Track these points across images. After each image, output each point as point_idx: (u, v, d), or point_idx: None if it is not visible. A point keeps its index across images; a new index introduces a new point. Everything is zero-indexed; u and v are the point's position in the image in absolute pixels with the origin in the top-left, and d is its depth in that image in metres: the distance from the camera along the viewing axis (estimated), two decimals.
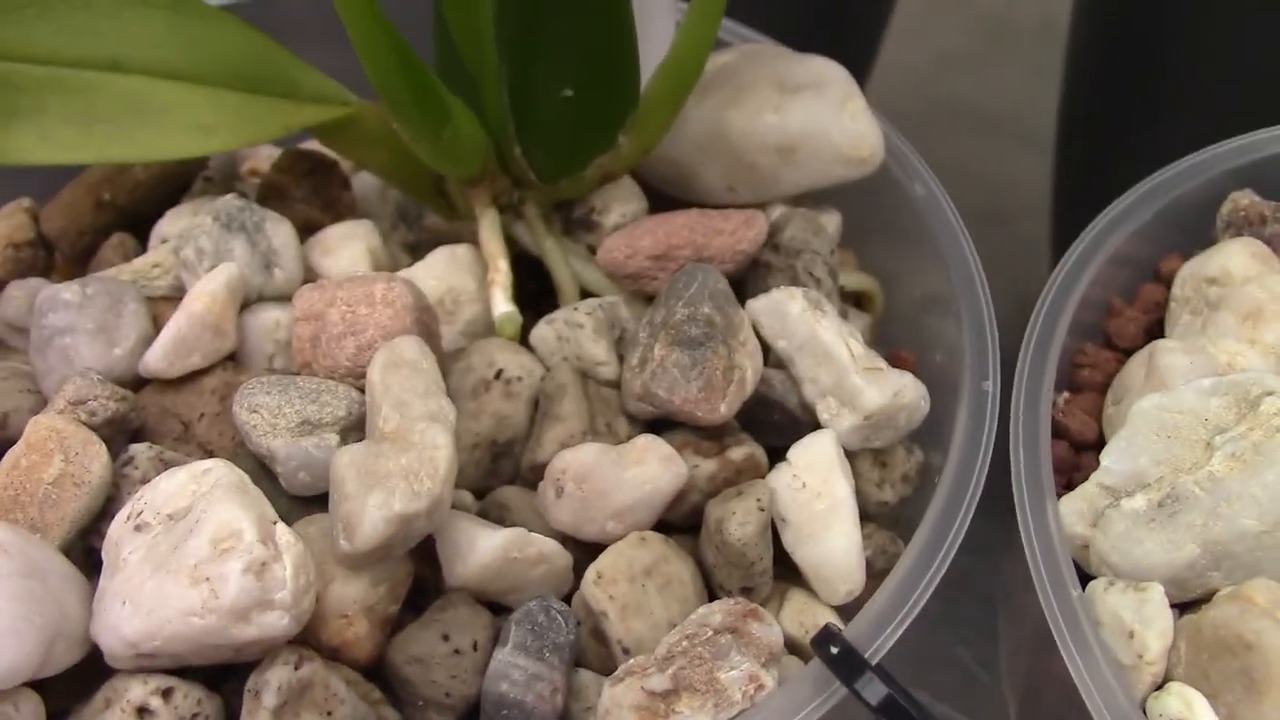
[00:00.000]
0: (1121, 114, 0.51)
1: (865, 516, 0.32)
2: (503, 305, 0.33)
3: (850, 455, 0.32)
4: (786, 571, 0.31)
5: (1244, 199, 0.38)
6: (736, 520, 0.29)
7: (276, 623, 0.26)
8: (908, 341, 0.37)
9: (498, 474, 0.32)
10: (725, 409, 0.30)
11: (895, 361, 0.36)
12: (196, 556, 0.26)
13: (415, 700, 0.28)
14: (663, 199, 0.37)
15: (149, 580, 0.26)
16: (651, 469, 0.29)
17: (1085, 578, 0.29)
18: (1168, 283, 0.37)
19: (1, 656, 0.25)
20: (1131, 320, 0.37)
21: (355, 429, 0.30)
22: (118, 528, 0.28)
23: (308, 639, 0.27)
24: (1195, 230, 0.38)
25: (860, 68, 0.57)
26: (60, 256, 0.38)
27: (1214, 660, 0.27)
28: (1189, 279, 0.36)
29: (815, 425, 0.32)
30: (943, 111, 0.78)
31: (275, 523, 0.27)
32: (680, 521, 0.31)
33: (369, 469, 0.27)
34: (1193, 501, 0.28)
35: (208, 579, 0.25)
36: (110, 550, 0.28)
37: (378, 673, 0.29)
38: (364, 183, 0.39)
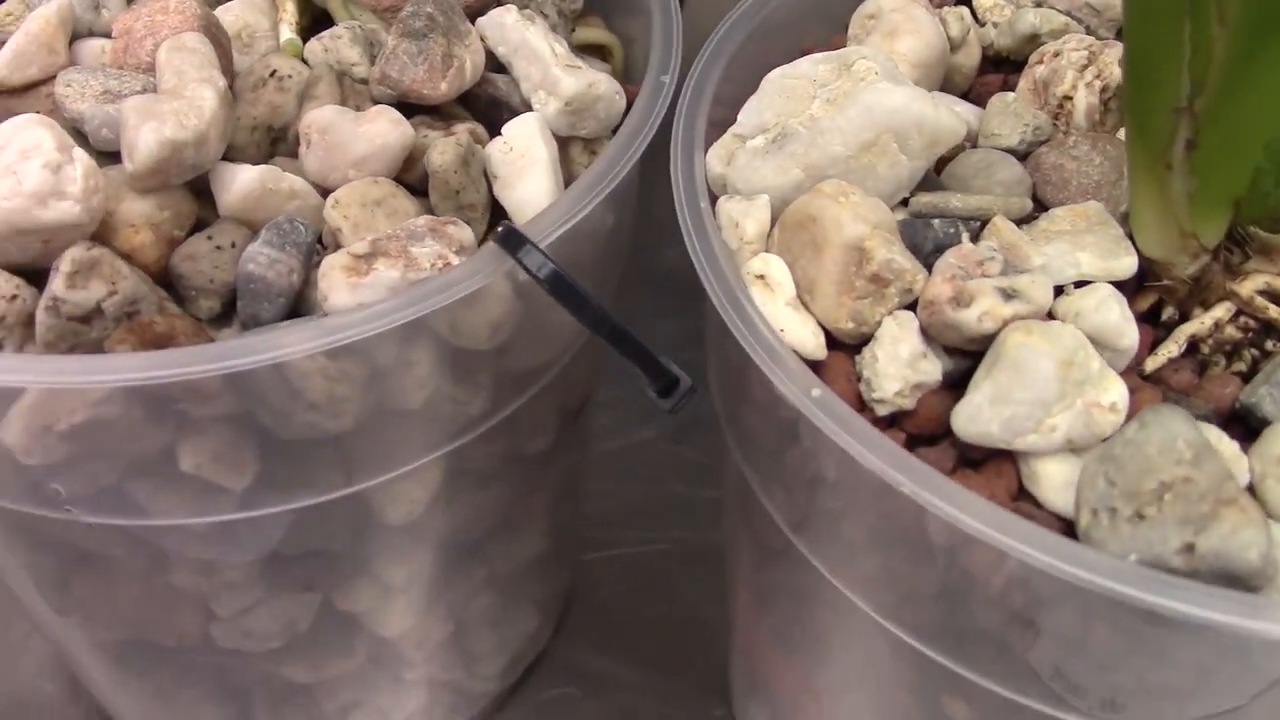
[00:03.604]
0: None
1: None
2: (287, 34, 0.41)
3: (563, 142, 0.40)
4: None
5: None
6: (437, 150, 0.37)
7: (70, 209, 0.33)
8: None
9: (275, 156, 0.40)
10: (445, 87, 0.38)
11: None
12: (6, 161, 0.34)
13: (189, 292, 0.36)
14: None
15: None
16: (382, 126, 0.37)
17: None
18: None
19: None
20: None
21: None
22: None
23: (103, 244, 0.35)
24: None
25: None
26: None
27: (793, 235, 0.35)
28: (857, 19, 0.44)
29: None
30: None
31: (73, 147, 0.35)
32: (418, 185, 0.39)
33: (148, 109, 0.35)
34: (797, 137, 0.36)
35: (15, 173, 0.33)
36: None
37: (164, 284, 0.37)
38: None
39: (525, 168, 0.38)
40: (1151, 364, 0.34)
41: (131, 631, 0.44)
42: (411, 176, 0.39)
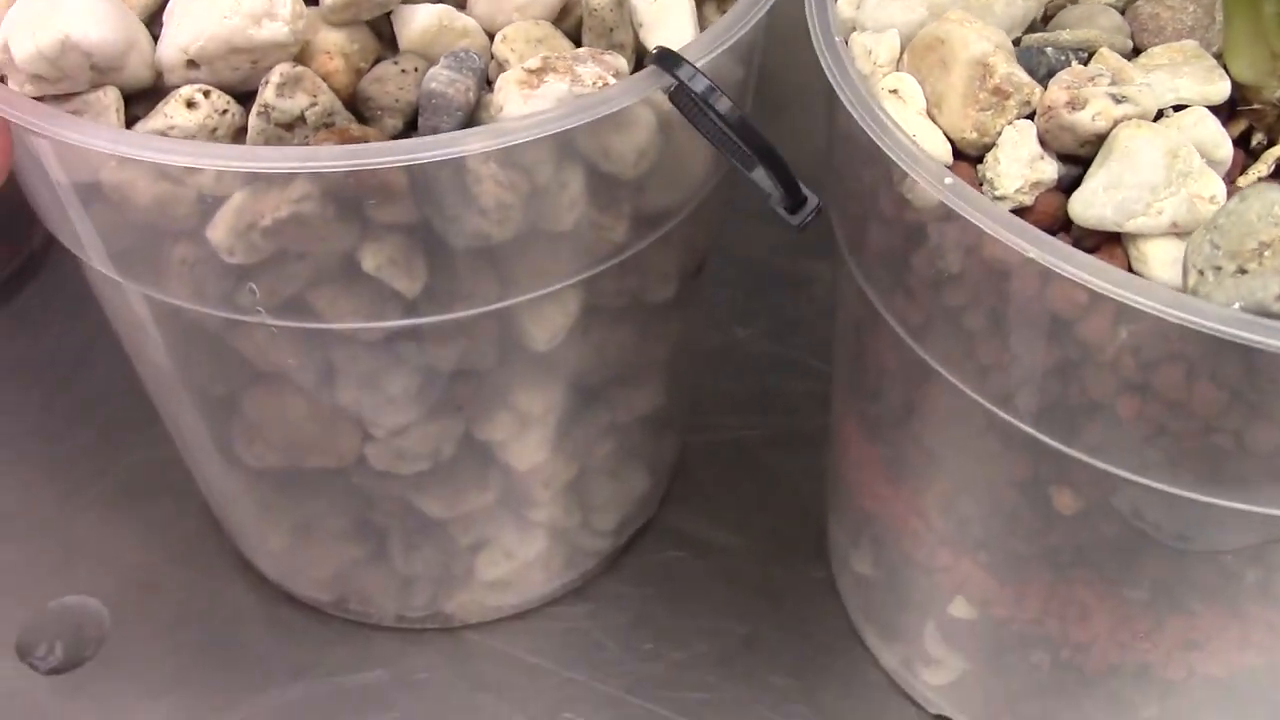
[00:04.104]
0: None
1: None
2: None
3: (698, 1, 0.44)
4: None
5: None
6: None
7: (279, 29, 0.38)
8: None
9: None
10: None
11: None
12: None
13: (375, 112, 0.40)
14: None
15: (196, 4, 0.38)
16: None
17: None
18: None
19: (99, 28, 0.37)
20: None
21: None
22: None
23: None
24: None
25: None
26: None
27: (923, 57, 0.38)
28: None
29: None
30: None
31: None
32: (569, 34, 0.43)
33: None
34: None
35: None
36: (168, 13, 0.40)
37: (350, 110, 0.41)
38: None
39: (667, 13, 0.42)
40: (1243, 182, 0.38)
41: (291, 456, 0.48)
42: (563, 26, 0.43)
